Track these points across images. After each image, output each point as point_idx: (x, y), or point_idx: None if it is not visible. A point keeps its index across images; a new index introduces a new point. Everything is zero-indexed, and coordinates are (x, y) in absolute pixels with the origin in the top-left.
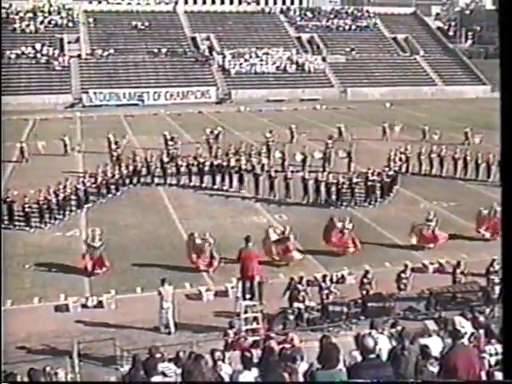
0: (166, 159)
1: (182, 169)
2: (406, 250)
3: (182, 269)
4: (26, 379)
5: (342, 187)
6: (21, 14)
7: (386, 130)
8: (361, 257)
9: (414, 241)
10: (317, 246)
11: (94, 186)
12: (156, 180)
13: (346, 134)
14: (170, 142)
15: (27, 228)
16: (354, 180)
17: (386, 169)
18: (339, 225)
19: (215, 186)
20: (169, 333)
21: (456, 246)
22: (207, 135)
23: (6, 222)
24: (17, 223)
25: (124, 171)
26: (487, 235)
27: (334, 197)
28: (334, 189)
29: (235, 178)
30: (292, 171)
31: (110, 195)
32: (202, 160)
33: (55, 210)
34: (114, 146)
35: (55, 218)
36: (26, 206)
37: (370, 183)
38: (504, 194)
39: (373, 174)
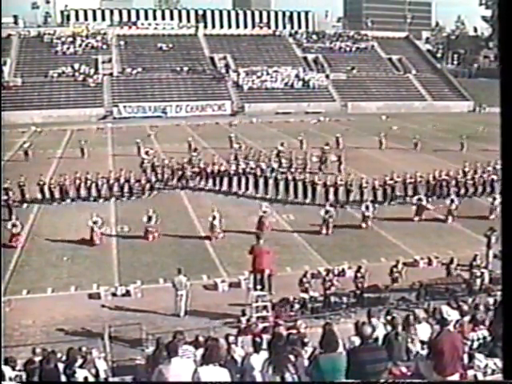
0: (189, 169)
1: (203, 175)
2: None
3: (200, 262)
4: (64, 358)
5: (337, 189)
6: (62, 39)
7: (382, 140)
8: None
9: None
10: (318, 241)
11: (126, 186)
12: (180, 185)
13: (343, 143)
14: (193, 153)
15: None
16: (349, 183)
17: (387, 178)
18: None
19: (232, 190)
20: (178, 315)
21: (445, 244)
22: (235, 150)
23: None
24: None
25: (153, 178)
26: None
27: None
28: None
29: (249, 181)
30: (292, 173)
31: (141, 196)
32: (217, 168)
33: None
34: (146, 157)
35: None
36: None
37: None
38: (504, 198)
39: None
